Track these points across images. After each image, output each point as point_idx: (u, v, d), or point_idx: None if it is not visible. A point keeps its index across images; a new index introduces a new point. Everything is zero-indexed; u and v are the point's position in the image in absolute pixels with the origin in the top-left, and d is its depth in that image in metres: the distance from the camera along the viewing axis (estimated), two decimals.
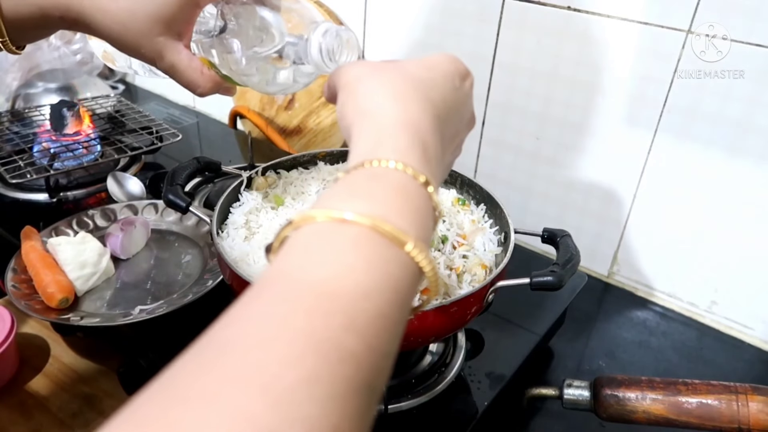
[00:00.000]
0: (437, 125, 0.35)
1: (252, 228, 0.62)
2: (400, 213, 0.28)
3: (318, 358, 0.22)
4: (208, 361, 0.22)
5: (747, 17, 0.66)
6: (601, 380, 0.58)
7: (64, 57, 1.21)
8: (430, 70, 0.38)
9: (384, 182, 0.30)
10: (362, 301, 0.24)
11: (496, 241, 0.62)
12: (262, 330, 0.22)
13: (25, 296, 0.68)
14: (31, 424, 0.60)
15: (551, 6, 0.78)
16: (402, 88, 0.35)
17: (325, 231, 0.27)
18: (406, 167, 0.30)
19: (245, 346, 0.22)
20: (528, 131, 0.86)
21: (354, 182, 0.30)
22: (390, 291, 0.26)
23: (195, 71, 0.47)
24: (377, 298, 0.25)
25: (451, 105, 0.37)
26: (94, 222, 0.83)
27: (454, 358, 0.65)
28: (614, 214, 0.84)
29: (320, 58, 0.44)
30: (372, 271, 0.26)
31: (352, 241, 0.26)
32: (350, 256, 0.26)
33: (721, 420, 0.53)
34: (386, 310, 0.25)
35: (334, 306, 0.24)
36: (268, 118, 1.16)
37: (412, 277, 0.28)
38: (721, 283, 0.79)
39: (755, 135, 0.70)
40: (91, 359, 0.67)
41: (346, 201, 0.28)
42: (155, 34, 0.44)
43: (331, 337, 0.22)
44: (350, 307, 0.24)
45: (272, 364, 0.21)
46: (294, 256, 0.26)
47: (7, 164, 0.90)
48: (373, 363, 0.24)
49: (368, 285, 0.25)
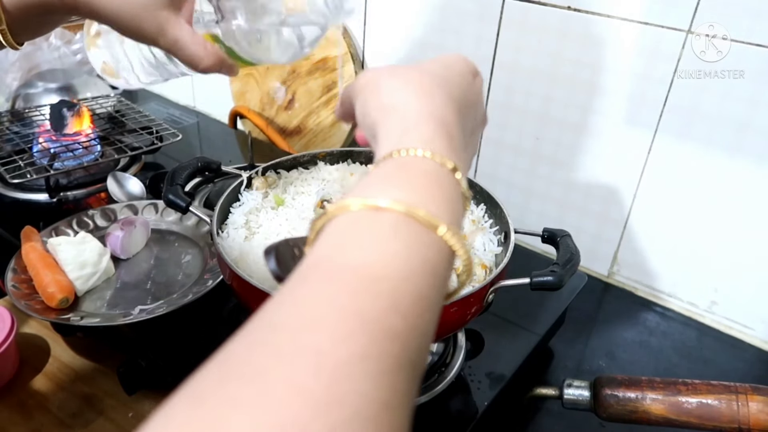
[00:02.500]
0: (459, 119, 0.36)
1: (252, 228, 0.62)
2: (433, 199, 0.29)
3: (367, 336, 0.23)
4: (261, 340, 0.23)
5: (747, 17, 0.66)
6: (601, 380, 0.58)
7: (64, 57, 1.21)
8: (447, 68, 0.39)
9: (414, 170, 0.30)
10: (404, 284, 0.25)
11: (496, 241, 0.62)
12: (312, 310, 0.23)
13: (25, 296, 0.68)
14: (31, 424, 0.60)
15: (551, 6, 0.78)
16: (426, 84, 0.36)
17: (362, 219, 0.27)
18: (434, 155, 0.31)
19: (296, 325, 0.23)
20: (528, 131, 0.86)
21: (385, 172, 0.31)
22: (429, 274, 0.27)
23: (198, 45, 0.47)
24: (418, 281, 0.26)
25: (468, 101, 0.38)
26: (94, 222, 0.83)
27: (454, 358, 0.65)
28: (614, 214, 0.84)
29: (326, 7, 0.45)
30: (411, 255, 0.26)
31: (390, 227, 0.27)
32: (389, 242, 0.26)
33: (721, 420, 0.53)
34: (426, 293, 0.26)
35: (379, 288, 0.25)
36: (268, 118, 1.16)
37: (447, 260, 0.28)
38: (721, 283, 0.79)
39: (755, 135, 0.70)
40: (91, 359, 0.67)
41: (379, 190, 0.29)
42: (157, 8, 0.44)
43: (379, 318, 0.23)
44: (394, 290, 0.25)
45: (324, 342, 0.22)
46: (334, 243, 0.27)
47: (7, 164, 0.90)
48: (416, 342, 0.25)
49: (409, 269, 0.26)
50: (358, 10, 0.46)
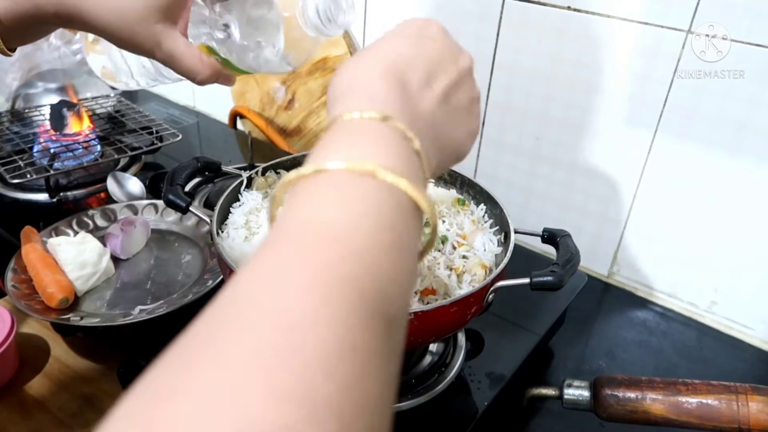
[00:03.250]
0: (389, 75, 0.35)
1: (252, 228, 0.62)
2: (365, 149, 0.30)
3: (321, 284, 0.23)
4: (222, 303, 0.23)
5: (747, 17, 0.66)
6: (601, 380, 0.58)
7: (64, 57, 1.21)
8: (388, 35, 0.39)
9: (344, 131, 0.32)
10: (350, 231, 0.26)
11: (496, 241, 0.62)
12: (267, 272, 0.24)
13: (25, 296, 0.68)
14: (31, 424, 0.60)
15: (551, 6, 0.78)
16: (356, 59, 0.37)
17: (306, 184, 0.29)
18: (360, 113, 0.32)
19: (254, 288, 0.24)
20: (528, 131, 0.86)
21: (321, 142, 0.32)
22: (375, 216, 0.27)
23: (194, 58, 0.46)
24: (364, 224, 0.27)
25: (410, 54, 0.37)
26: (94, 222, 0.83)
27: (454, 358, 0.65)
28: (614, 214, 0.84)
29: (318, 20, 0.45)
30: (350, 202, 0.27)
31: (328, 184, 0.28)
32: (329, 196, 0.28)
33: (721, 420, 0.53)
34: (378, 236, 0.27)
35: (325, 238, 0.25)
36: (268, 118, 1.16)
37: (394, 200, 0.29)
38: (721, 283, 0.79)
39: (755, 135, 0.70)
40: (91, 359, 0.67)
41: (316, 157, 0.30)
42: (152, 22, 0.44)
43: (331, 265, 0.24)
44: (340, 237, 0.26)
45: (280, 296, 0.23)
46: (291, 208, 0.28)
47: (7, 164, 0.90)
48: (377, 286, 0.25)
49: (350, 215, 0.27)
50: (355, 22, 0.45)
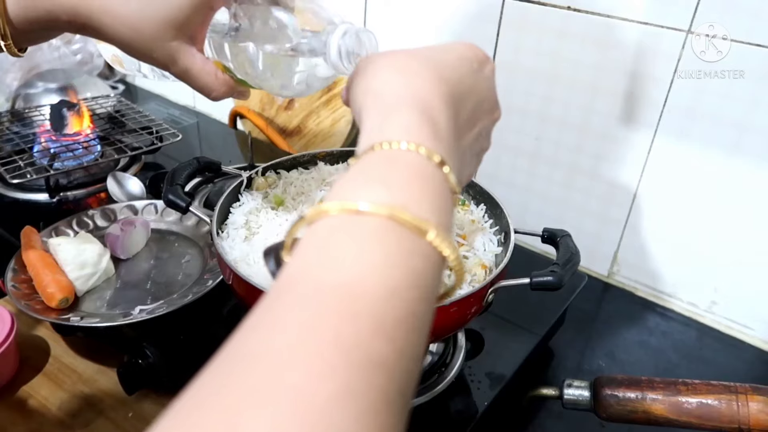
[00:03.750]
0: (450, 103, 0.33)
1: (252, 228, 0.62)
2: (419, 199, 0.26)
3: (349, 368, 0.20)
4: (231, 376, 0.20)
5: (747, 17, 0.65)
6: (601, 380, 0.58)
7: (64, 57, 1.21)
8: (445, 52, 0.36)
9: (397, 166, 0.28)
10: (388, 301, 0.23)
11: (496, 241, 0.62)
12: (287, 339, 0.21)
13: (25, 296, 0.68)
14: (31, 424, 0.60)
15: (551, 6, 0.78)
16: (410, 64, 0.33)
17: (341, 225, 0.25)
18: (418, 147, 0.28)
19: (270, 357, 0.20)
20: (528, 131, 0.86)
21: (366, 168, 0.28)
22: (415, 287, 0.24)
23: (209, 75, 0.46)
24: (403, 295, 0.23)
25: (467, 87, 0.35)
26: (94, 222, 0.83)
27: (454, 358, 0.65)
28: (614, 214, 0.84)
29: (339, 60, 0.44)
30: (395, 266, 0.24)
31: (371, 234, 0.24)
32: (371, 252, 0.24)
33: (721, 420, 0.53)
34: (413, 308, 0.24)
35: (360, 308, 0.22)
36: (268, 118, 1.16)
37: (435, 267, 0.26)
38: (721, 283, 0.79)
39: (755, 135, 0.70)
40: (91, 359, 0.67)
41: (360, 190, 0.26)
42: (168, 39, 0.43)
43: (361, 344, 0.21)
44: (377, 309, 0.22)
45: (301, 378, 0.20)
46: (311, 256, 0.25)
47: (7, 164, 0.90)
48: (404, 368, 0.22)
49: (393, 283, 0.23)
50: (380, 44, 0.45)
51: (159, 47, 0.43)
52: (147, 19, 0.42)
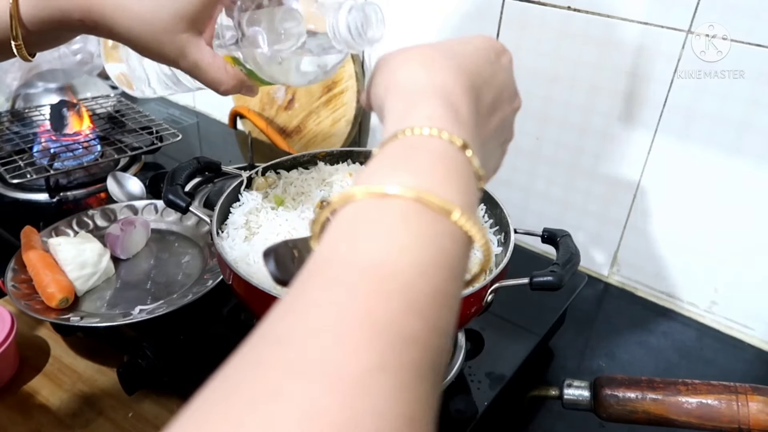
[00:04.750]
0: (471, 93, 0.33)
1: (252, 228, 0.62)
2: (443, 181, 0.27)
3: (383, 344, 0.21)
4: (267, 355, 0.21)
5: (747, 17, 0.65)
6: (601, 380, 0.58)
7: (64, 57, 1.21)
8: (463, 44, 0.37)
9: (421, 150, 0.28)
10: (419, 280, 0.23)
11: (496, 241, 0.62)
12: (320, 318, 0.22)
13: (25, 296, 0.68)
14: (31, 424, 0.60)
15: (551, 6, 0.78)
16: (431, 57, 0.34)
17: (369, 209, 0.26)
18: (441, 132, 0.29)
19: (303, 337, 0.21)
20: (528, 131, 0.86)
21: (390, 155, 0.28)
22: (445, 266, 0.25)
23: (219, 68, 0.46)
24: (433, 275, 0.24)
25: (486, 76, 0.36)
26: (94, 222, 0.83)
27: (454, 358, 0.65)
28: (614, 214, 0.84)
29: (349, 35, 0.45)
30: (424, 246, 0.24)
31: (399, 216, 0.25)
32: (400, 233, 0.24)
33: (721, 420, 0.53)
34: (443, 287, 0.24)
35: (392, 287, 0.23)
36: (268, 118, 1.16)
37: (463, 248, 0.26)
38: (721, 283, 0.79)
39: (755, 135, 0.70)
40: (91, 359, 0.67)
41: (385, 175, 0.27)
42: (178, 31, 0.44)
43: (394, 321, 0.22)
44: (408, 288, 0.23)
45: (336, 354, 0.20)
46: (340, 240, 0.25)
47: (7, 164, 0.90)
48: (436, 344, 0.23)
49: (423, 262, 0.24)
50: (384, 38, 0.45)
51: (169, 41, 0.44)
52: (158, 12, 0.43)
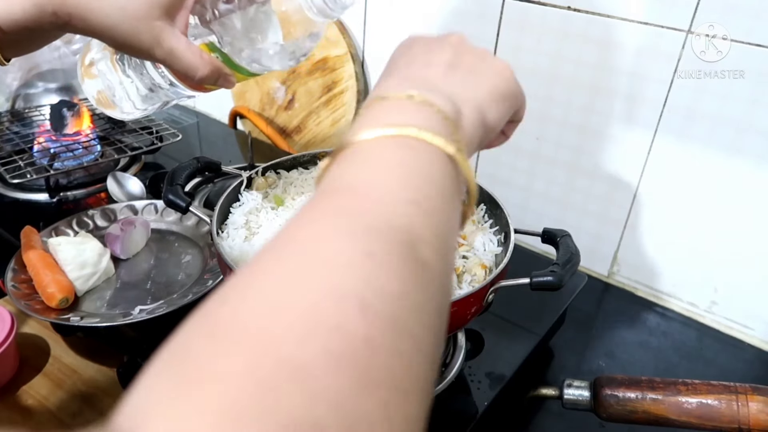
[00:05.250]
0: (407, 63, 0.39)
1: (252, 228, 0.62)
2: (425, 121, 0.31)
3: (380, 241, 0.24)
4: (279, 251, 0.24)
5: (747, 17, 0.66)
6: (601, 380, 0.58)
7: (64, 57, 1.21)
8: None
9: (395, 106, 0.32)
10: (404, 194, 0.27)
11: (496, 241, 0.62)
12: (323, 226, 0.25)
13: (25, 296, 0.68)
14: (31, 424, 0.60)
15: (551, 6, 0.78)
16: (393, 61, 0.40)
17: (363, 147, 0.29)
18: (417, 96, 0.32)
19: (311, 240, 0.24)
20: (528, 131, 0.86)
21: (367, 112, 0.32)
22: (435, 190, 0.28)
23: (194, 54, 0.47)
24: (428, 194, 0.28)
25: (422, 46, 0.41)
26: (94, 222, 0.83)
27: (454, 358, 0.65)
28: (614, 214, 0.84)
29: (323, 3, 0.46)
30: (413, 172, 0.28)
31: (392, 149, 0.29)
32: (393, 161, 0.28)
33: (721, 420, 0.53)
34: (435, 204, 0.28)
35: (387, 198, 0.26)
36: (268, 118, 1.16)
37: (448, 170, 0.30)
38: (721, 283, 0.79)
39: (755, 135, 0.70)
40: (91, 359, 0.67)
41: (367, 123, 0.31)
42: (153, 18, 0.44)
43: (389, 218, 0.25)
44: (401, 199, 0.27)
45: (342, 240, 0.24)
46: (337, 172, 0.29)
47: (7, 164, 0.90)
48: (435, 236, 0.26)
49: (414, 185, 0.27)
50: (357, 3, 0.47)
51: (144, 28, 0.45)
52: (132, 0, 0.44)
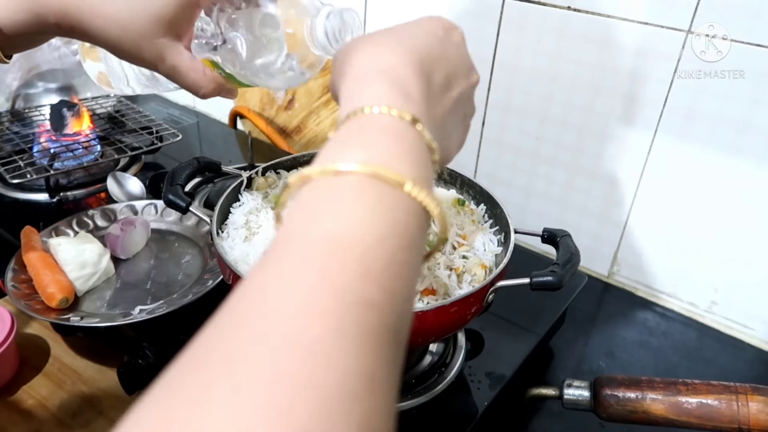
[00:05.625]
0: (419, 71, 0.34)
1: (252, 228, 0.62)
2: (395, 155, 0.28)
3: (341, 308, 0.22)
4: (232, 326, 0.22)
5: (747, 17, 0.66)
6: (601, 380, 0.58)
7: (64, 57, 1.21)
8: (412, 26, 0.39)
9: (371, 128, 0.30)
10: (374, 249, 0.24)
11: (496, 241, 0.62)
12: (281, 290, 0.23)
13: (25, 296, 0.68)
14: (31, 424, 0.60)
15: (551, 6, 0.78)
16: (380, 41, 0.36)
17: (324, 186, 0.27)
18: (390, 109, 0.30)
19: (265, 307, 0.22)
20: (528, 131, 0.86)
21: (343, 135, 0.30)
22: (399, 236, 0.26)
23: (197, 72, 0.46)
24: (388, 243, 0.25)
25: (436, 55, 0.37)
26: (94, 222, 0.83)
27: (454, 358, 0.65)
28: (614, 214, 0.84)
29: (326, 41, 0.45)
30: (378, 218, 0.26)
31: (354, 191, 0.26)
32: (355, 207, 0.26)
33: (721, 420, 0.53)
34: (399, 255, 0.25)
35: (349, 256, 0.24)
36: (268, 118, 1.16)
37: (418, 219, 0.27)
38: (721, 283, 0.79)
39: (755, 135, 0.70)
40: (91, 359, 0.67)
41: (338, 153, 0.28)
42: (156, 36, 0.43)
43: (351, 288, 0.23)
44: (364, 256, 0.24)
45: (297, 319, 0.21)
46: (298, 219, 0.26)
47: (7, 164, 0.90)
48: (394, 308, 0.24)
49: (377, 233, 0.25)
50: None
51: (147, 45, 0.44)
52: (136, 16, 0.43)
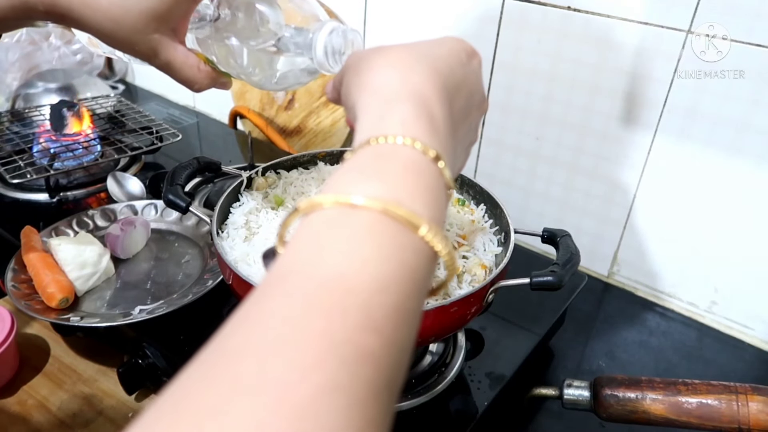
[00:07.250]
0: (445, 96, 0.33)
1: (252, 228, 0.62)
2: (412, 194, 0.26)
3: (337, 362, 0.20)
4: (218, 369, 0.20)
5: (747, 17, 0.65)
6: (601, 380, 0.58)
7: (64, 57, 1.22)
8: (435, 46, 0.36)
9: (392, 160, 0.28)
10: (379, 295, 0.23)
11: (496, 241, 0.62)
12: (275, 333, 0.21)
13: (25, 296, 0.68)
14: (31, 424, 0.60)
15: (551, 6, 0.78)
16: (406, 59, 0.33)
17: (335, 219, 0.25)
18: (414, 142, 0.28)
19: (257, 351, 0.21)
20: (528, 131, 0.86)
21: (361, 162, 0.28)
22: (407, 281, 0.24)
23: (191, 68, 0.46)
24: (394, 290, 0.24)
25: (459, 79, 0.35)
26: (94, 222, 0.83)
27: (454, 358, 0.65)
28: (614, 214, 0.84)
29: (325, 58, 0.44)
30: (387, 261, 0.24)
31: (364, 228, 0.25)
32: (363, 246, 0.24)
33: (721, 420, 0.53)
34: (404, 302, 0.24)
35: (350, 303, 0.22)
36: (268, 118, 1.16)
37: (427, 262, 0.26)
38: (721, 283, 0.79)
39: (755, 135, 0.70)
40: (91, 359, 0.67)
41: (354, 184, 0.26)
42: (150, 31, 0.42)
43: (350, 339, 0.21)
44: (367, 303, 0.22)
45: (288, 372, 0.20)
46: (303, 249, 0.25)
47: (7, 164, 0.90)
48: (393, 361, 0.22)
49: (384, 277, 0.24)
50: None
51: (141, 40, 0.43)
52: (128, 11, 0.41)
